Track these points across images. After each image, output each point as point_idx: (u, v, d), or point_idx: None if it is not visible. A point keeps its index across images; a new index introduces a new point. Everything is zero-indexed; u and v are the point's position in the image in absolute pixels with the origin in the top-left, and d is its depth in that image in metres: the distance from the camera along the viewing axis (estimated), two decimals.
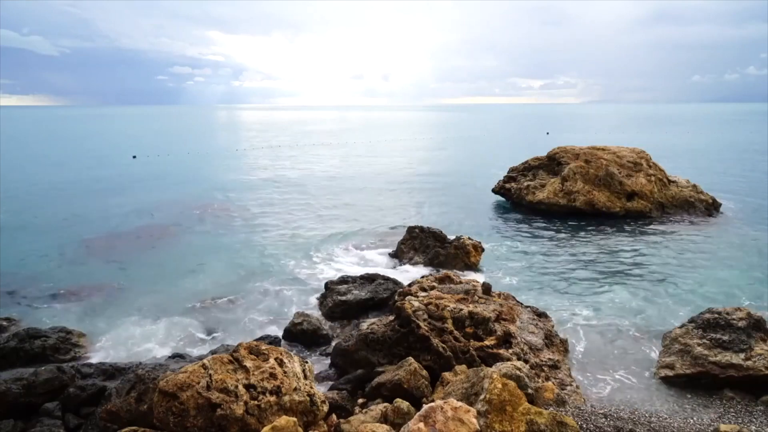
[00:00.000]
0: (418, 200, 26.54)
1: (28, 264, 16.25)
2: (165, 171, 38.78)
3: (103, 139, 75.44)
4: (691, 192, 22.36)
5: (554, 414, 6.00)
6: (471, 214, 22.94)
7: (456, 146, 60.59)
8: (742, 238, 18.17)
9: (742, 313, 9.32)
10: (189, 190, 29.79)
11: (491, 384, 6.14)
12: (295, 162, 44.18)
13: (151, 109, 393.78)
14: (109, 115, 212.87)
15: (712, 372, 8.60)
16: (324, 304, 12.68)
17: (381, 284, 13.21)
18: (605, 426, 6.67)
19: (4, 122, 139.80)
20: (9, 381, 8.34)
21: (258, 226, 21.24)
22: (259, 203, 26.04)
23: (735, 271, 14.86)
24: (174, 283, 14.51)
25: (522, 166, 25.98)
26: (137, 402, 7.29)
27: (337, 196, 27.99)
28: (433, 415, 5.63)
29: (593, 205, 21.24)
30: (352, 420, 6.79)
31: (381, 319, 10.09)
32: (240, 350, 7.12)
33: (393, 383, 7.84)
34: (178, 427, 6.19)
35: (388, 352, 9.12)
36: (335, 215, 23.19)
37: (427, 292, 10.71)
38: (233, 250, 17.86)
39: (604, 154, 22.93)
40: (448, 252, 15.32)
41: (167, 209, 24.37)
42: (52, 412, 8.12)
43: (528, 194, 23.55)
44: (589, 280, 14.43)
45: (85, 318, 12.33)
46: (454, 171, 37.49)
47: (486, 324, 9.40)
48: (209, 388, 6.38)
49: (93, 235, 19.87)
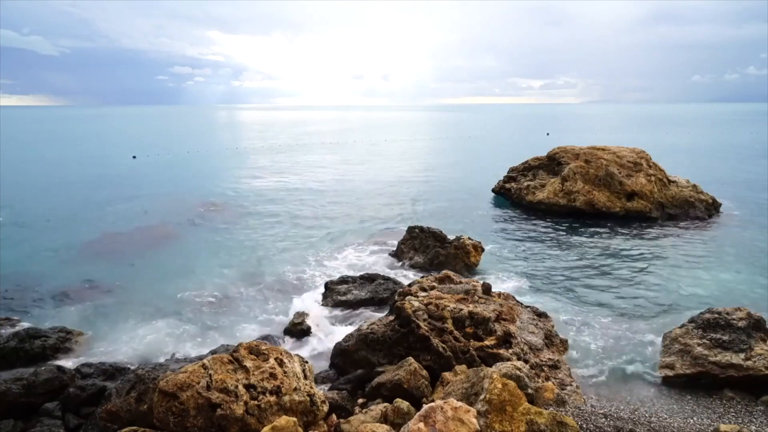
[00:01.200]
0: (418, 200, 26.53)
1: (28, 264, 16.26)
2: (165, 171, 38.80)
3: (103, 139, 75.47)
4: (691, 192, 22.35)
5: (554, 414, 6.00)
6: (471, 214, 22.94)
7: (456, 146, 60.60)
8: (742, 238, 18.17)
9: (742, 313, 9.32)
10: (189, 190, 29.80)
11: (491, 384, 6.13)
12: (294, 162, 44.17)
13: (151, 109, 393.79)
14: (109, 115, 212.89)
15: (712, 372, 8.59)
16: (324, 304, 12.68)
17: (381, 284, 13.22)
18: (605, 426, 6.67)
19: (4, 122, 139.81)
20: (9, 381, 8.34)
21: (258, 226, 21.24)
22: (259, 203, 26.04)
23: (735, 270, 14.86)
24: (174, 283, 14.51)
25: (522, 166, 25.99)
26: (137, 402, 7.29)
27: (337, 196, 28.00)
28: (433, 415, 5.63)
29: (593, 205, 21.24)
30: (352, 420, 6.79)
31: (381, 319, 10.09)
32: (240, 350, 7.12)
33: (393, 383, 7.84)
34: (178, 427, 6.19)
35: (388, 352, 9.12)
36: (335, 215, 23.20)
37: (427, 292, 10.71)
38: (233, 249, 17.87)
39: (604, 154, 22.93)
40: (448, 252, 15.32)
41: (167, 209, 24.37)
42: (52, 412, 8.13)
43: (528, 194, 23.56)
44: (589, 279, 14.43)
45: (85, 318, 12.33)
46: (454, 171, 37.49)
47: (486, 324, 9.40)
48: (209, 388, 6.38)
49: (93, 235, 19.87)
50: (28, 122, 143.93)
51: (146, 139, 74.34)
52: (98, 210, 24.31)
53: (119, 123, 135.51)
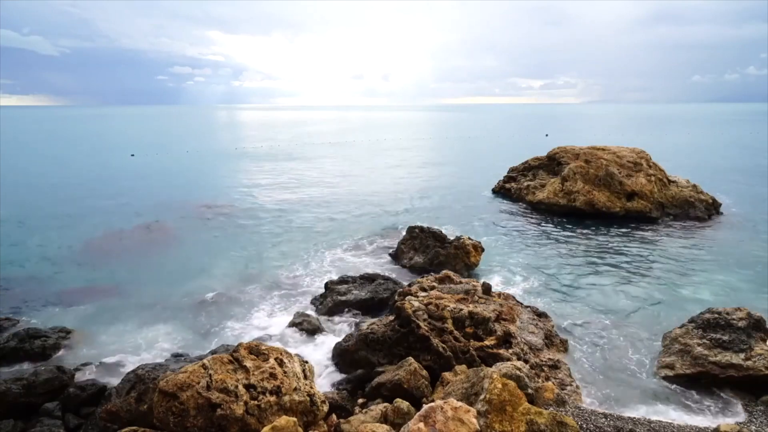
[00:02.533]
0: (418, 200, 26.54)
1: (28, 264, 16.26)
2: (164, 170, 38.81)
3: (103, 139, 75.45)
4: (691, 192, 22.36)
5: (554, 414, 6.00)
6: (471, 214, 22.93)
7: (456, 146, 60.60)
8: (742, 238, 18.17)
9: (742, 313, 9.32)
10: (188, 190, 29.81)
11: (491, 384, 6.13)
12: (294, 162, 44.18)
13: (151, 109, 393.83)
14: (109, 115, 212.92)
15: (712, 372, 8.59)
16: (324, 304, 12.68)
17: (381, 284, 13.22)
18: (605, 426, 6.67)
19: (5, 122, 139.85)
20: (9, 381, 8.35)
21: (258, 226, 21.24)
22: (259, 203, 26.04)
23: (735, 270, 14.86)
24: (173, 283, 14.51)
25: (522, 166, 26.00)
26: (137, 402, 7.29)
27: (337, 196, 27.99)
28: (433, 415, 5.63)
29: (593, 205, 21.24)
30: (352, 420, 6.79)
31: (381, 319, 10.09)
32: (240, 350, 7.12)
33: (393, 383, 7.84)
34: (178, 427, 6.19)
35: (388, 352, 9.12)
36: (335, 215, 23.19)
37: (427, 292, 10.71)
38: (233, 249, 17.87)
39: (604, 154, 22.94)
40: (448, 252, 15.32)
41: (167, 209, 24.37)
42: (52, 412, 8.13)
43: (528, 194, 23.56)
44: (589, 279, 14.43)
45: (85, 318, 12.33)
46: (454, 171, 37.50)
47: (486, 324, 9.40)
48: (209, 388, 6.38)
49: (93, 234, 19.88)
50: (28, 122, 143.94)
51: (146, 139, 74.36)
52: (98, 210, 24.31)
53: (119, 123, 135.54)
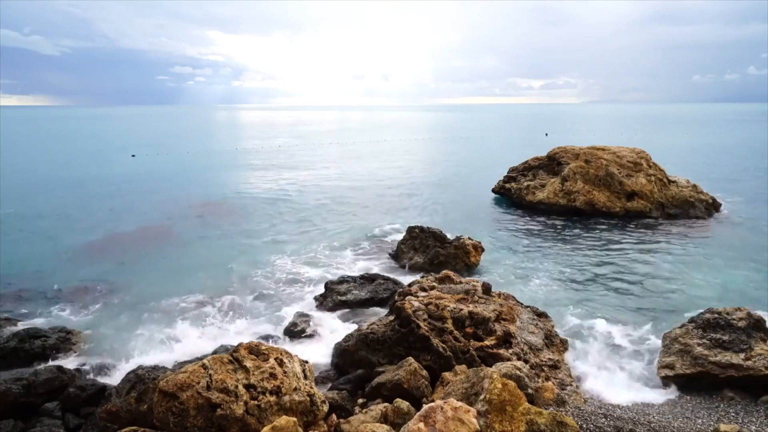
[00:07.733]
0: (418, 200, 26.54)
1: (28, 264, 16.25)
2: (164, 170, 38.80)
3: (104, 139, 75.45)
4: (691, 192, 22.35)
5: (554, 414, 6.00)
6: (471, 214, 22.93)
7: (456, 146, 60.59)
8: (742, 238, 18.17)
9: (742, 313, 9.32)
10: (188, 190, 29.80)
11: (491, 384, 6.13)
12: (294, 161, 44.17)
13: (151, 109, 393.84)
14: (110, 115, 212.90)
15: (712, 372, 8.59)
16: (324, 304, 12.69)
17: (381, 284, 13.22)
18: (605, 426, 6.67)
19: (5, 122, 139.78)
20: (9, 381, 8.35)
21: (258, 226, 21.24)
22: (259, 203, 26.04)
23: (735, 270, 14.86)
24: (173, 282, 14.50)
25: (522, 166, 25.99)
26: (137, 402, 7.29)
27: (336, 195, 27.98)
28: (433, 415, 5.63)
29: (593, 205, 21.24)
30: (352, 420, 6.79)
31: (381, 319, 10.09)
32: (240, 350, 7.12)
33: (393, 383, 7.84)
34: (178, 427, 6.19)
35: (388, 352, 9.12)
36: (335, 215, 23.19)
37: (427, 292, 10.71)
38: (233, 249, 17.86)
39: (604, 154, 22.93)
40: (448, 252, 15.31)
41: (167, 209, 24.37)
42: (52, 412, 8.13)
43: (528, 194, 23.56)
44: (589, 279, 14.43)
45: (85, 318, 12.33)
46: (454, 171, 37.50)
47: (486, 324, 9.40)
48: (209, 388, 6.38)
49: (93, 234, 19.87)
50: (28, 122, 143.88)
51: (147, 139, 74.32)
52: (98, 210, 24.31)
53: (120, 123, 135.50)
